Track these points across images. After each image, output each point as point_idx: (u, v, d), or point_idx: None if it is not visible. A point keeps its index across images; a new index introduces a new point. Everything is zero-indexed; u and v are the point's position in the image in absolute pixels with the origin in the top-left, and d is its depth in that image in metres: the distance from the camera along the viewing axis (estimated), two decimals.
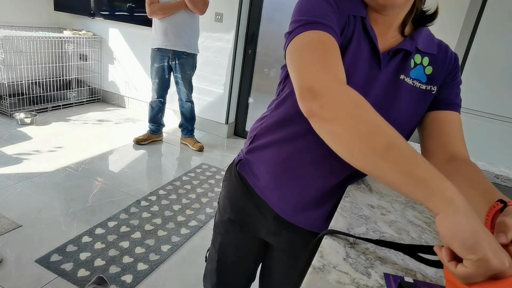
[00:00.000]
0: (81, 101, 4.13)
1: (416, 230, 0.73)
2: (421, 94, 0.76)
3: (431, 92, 0.76)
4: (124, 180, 2.62)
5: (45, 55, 3.77)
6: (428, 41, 0.77)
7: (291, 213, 0.85)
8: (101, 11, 3.91)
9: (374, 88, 0.73)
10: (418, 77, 0.75)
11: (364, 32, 0.72)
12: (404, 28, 0.75)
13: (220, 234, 1.03)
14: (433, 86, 0.76)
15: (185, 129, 3.34)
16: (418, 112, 0.77)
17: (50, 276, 1.66)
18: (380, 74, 0.74)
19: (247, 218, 0.94)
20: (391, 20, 0.73)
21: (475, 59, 2.01)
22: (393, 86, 0.74)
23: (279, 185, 0.84)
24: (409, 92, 0.75)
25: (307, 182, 0.81)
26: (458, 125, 0.76)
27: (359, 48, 0.72)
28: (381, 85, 0.74)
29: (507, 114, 2.02)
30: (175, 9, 2.85)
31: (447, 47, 0.79)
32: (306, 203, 0.83)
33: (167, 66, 3.06)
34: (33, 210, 2.12)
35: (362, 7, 0.73)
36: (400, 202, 0.84)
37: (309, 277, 0.55)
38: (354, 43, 0.71)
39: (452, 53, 0.79)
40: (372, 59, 0.73)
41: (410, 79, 0.75)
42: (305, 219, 0.85)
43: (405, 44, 0.73)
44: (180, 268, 1.84)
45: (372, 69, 0.73)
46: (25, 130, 3.23)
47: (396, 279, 0.58)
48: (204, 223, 2.24)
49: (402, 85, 0.74)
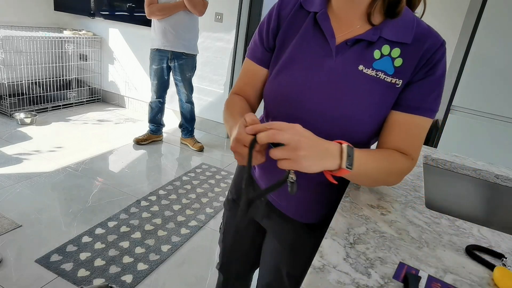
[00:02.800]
0: (81, 101, 4.13)
1: (416, 230, 0.73)
2: (384, 86, 0.73)
3: (395, 86, 0.72)
4: (124, 180, 2.62)
5: (45, 55, 3.77)
6: (402, 30, 0.72)
7: (277, 200, 0.91)
8: (101, 11, 3.91)
9: (319, 76, 0.75)
10: (383, 68, 0.72)
11: (315, 25, 0.77)
12: (370, 17, 0.73)
13: (226, 211, 1.12)
14: (398, 80, 0.72)
15: (185, 130, 3.34)
16: (377, 105, 0.73)
17: (50, 276, 1.66)
18: (332, 62, 0.75)
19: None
20: (355, 8, 0.73)
21: (475, 59, 2.01)
22: (349, 75, 0.74)
23: (266, 174, 0.91)
24: (370, 83, 0.73)
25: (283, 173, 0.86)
26: (417, 132, 0.74)
27: (305, 39, 0.78)
28: (334, 74, 0.74)
29: (507, 114, 2.02)
30: (174, 10, 2.85)
31: (430, 37, 0.71)
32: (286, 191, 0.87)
33: (166, 67, 3.06)
34: (33, 210, 2.12)
35: (319, 3, 0.78)
36: (400, 202, 0.84)
37: (309, 277, 0.55)
38: (301, 35, 0.78)
39: (432, 45, 0.71)
40: (322, 48, 0.76)
41: (372, 70, 0.72)
42: (289, 207, 0.90)
43: (366, 34, 0.73)
44: (180, 268, 1.84)
45: (317, 57, 0.76)
46: (25, 130, 3.23)
47: (410, 269, 0.59)
48: (204, 223, 2.24)
49: (360, 76, 0.73)
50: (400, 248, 0.66)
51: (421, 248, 0.67)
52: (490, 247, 0.70)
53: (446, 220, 0.79)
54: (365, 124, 0.74)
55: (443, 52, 0.71)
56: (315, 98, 0.76)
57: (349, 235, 0.68)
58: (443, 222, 0.78)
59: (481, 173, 1.18)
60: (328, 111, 0.75)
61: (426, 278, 0.58)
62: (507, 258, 0.66)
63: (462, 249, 0.68)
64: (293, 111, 0.78)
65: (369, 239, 0.67)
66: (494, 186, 1.16)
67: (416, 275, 0.58)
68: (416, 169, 1.08)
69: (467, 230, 0.76)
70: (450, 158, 1.24)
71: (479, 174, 1.18)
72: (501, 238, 0.75)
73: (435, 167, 1.23)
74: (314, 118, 0.76)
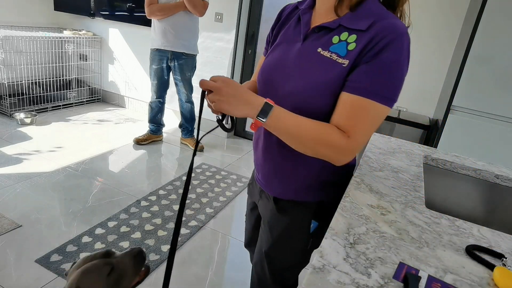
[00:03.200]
0: (81, 101, 4.13)
1: (416, 230, 0.73)
2: (336, 67, 0.80)
3: (342, 66, 0.78)
4: (124, 180, 2.62)
5: (45, 55, 3.77)
6: (360, 20, 0.79)
7: (262, 181, 1.03)
8: (101, 11, 3.91)
9: (291, 57, 0.88)
10: (337, 51, 0.80)
11: (299, 19, 0.91)
12: (337, 10, 0.84)
13: (247, 194, 1.23)
14: (345, 60, 0.78)
15: (185, 129, 3.34)
16: (327, 83, 0.80)
17: (50, 276, 1.66)
18: (301, 46, 0.87)
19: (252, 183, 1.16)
20: (325, 4, 0.85)
21: (475, 59, 2.01)
22: (309, 56, 0.84)
23: (256, 159, 1.05)
24: (324, 63, 0.81)
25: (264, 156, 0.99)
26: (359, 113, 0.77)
27: (289, 30, 0.94)
28: (299, 55, 0.86)
29: (507, 114, 2.02)
30: (174, 10, 2.85)
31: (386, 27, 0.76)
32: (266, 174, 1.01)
33: (166, 66, 3.06)
34: (33, 210, 2.12)
35: (308, 3, 0.92)
36: (400, 202, 0.84)
37: (309, 277, 0.55)
38: (287, 27, 0.95)
39: (383, 31, 0.75)
40: (298, 35, 0.89)
41: (327, 52, 0.81)
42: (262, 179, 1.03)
43: (329, 23, 0.84)
44: (180, 268, 1.84)
45: (292, 42, 0.90)
46: (25, 130, 3.23)
47: (410, 269, 0.59)
48: (204, 223, 2.24)
49: (317, 57, 0.82)
50: (400, 248, 0.66)
51: (421, 248, 0.67)
52: (490, 247, 0.70)
53: (446, 220, 0.79)
54: (315, 100, 0.82)
55: (396, 41, 0.75)
56: (280, 76, 0.89)
57: (349, 235, 0.68)
58: (443, 222, 0.78)
59: (481, 173, 1.18)
60: (287, 87, 0.86)
61: (426, 278, 0.58)
62: (507, 258, 0.66)
63: (462, 249, 0.68)
64: (268, 88, 0.92)
65: (369, 239, 0.67)
66: (494, 186, 1.16)
67: (416, 275, 0.58)
68: (416, 169, 1.08)
69: (467, 230, 0.76)
70: (450, 158, 1.24)
71: (479, 174, 1.18)
72: (501, 238, 0.75)
73: (435, 167, 1.23)
74: (279, 94, 0.87)
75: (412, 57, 0.81)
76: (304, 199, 0.96)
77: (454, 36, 2.66)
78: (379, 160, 1.10)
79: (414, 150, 1.26)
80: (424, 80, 2.80)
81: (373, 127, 0.79)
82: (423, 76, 2.80)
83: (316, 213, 0.96)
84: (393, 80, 0.77)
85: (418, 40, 2.75)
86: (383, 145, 1.27)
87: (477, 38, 1.98)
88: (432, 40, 2.71)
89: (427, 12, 2.69)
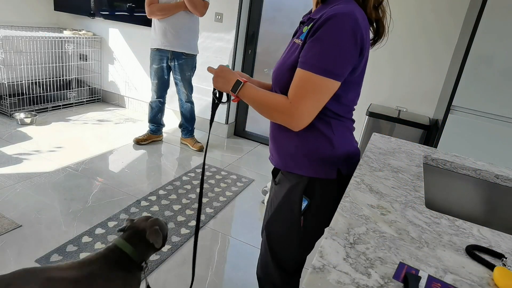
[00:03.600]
0: (81, 101, 4.13)
1: (416, 230, 0.73)
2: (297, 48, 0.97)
3: (298, 45, 0.96)
4: (124, 180, 2.62)
5: (45, 55, 3.77)
6: (322, 9, 0.94)
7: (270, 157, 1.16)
8: (101, 11, 3.91)
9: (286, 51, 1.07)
10: (302, 37, 0.96)
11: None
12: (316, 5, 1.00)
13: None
14: (301, 41, 0.95)
15: (185, 129, 3.34)
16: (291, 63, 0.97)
17: None
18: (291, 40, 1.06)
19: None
20: (313, 4, 1.03)
21: (475, 59, 2.01)
22: (290, 47, 1.03)
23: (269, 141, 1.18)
24: (293, 48, 0.99)
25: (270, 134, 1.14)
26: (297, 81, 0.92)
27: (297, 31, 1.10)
28: (288, 47, 1.05)
29: (507, 114, 2.02)
30: (175, 10, 2.85)
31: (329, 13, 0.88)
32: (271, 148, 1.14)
33: (166, 66, 3.06)
34: (33, 210, 2.12)
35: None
36: (400, 202, 0.84)
37: (309, 277, 0.55)
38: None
39: (324, 16, 0.89)
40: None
41: (299, 40, 0.97)
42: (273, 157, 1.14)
43: (304, 17, 1.05)
44: (180, 268, 1.84)
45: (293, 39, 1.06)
46: (25, 130, 3.23)
47: (410, 269, 0.59)
48: (204, 223, 2.24)
49: (293, 45, 1.00)
50: (400, 248, 0.66)
51: (421, 248, 0.67)
52: (490, 247, 0.70)
53: (446, 220, 0.79)
54: (284, 77, 0.98)
55: (332, 20, 0.87)
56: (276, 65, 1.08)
57: (349, 235, 0.68)
58: (443, 222, 0.78)
59: (481, 173, 1.18)
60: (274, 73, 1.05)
61: (426, 278, 0.58)
62: (507, 258, 0.66)
63: (462, 249, 0.68)
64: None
65: (369, 239, 0.67)
66: (494, 186, 1.16)
67: (416, 275, 0.58)
68: (416, 169, 1.08)
69: (467, 230, 0.76)
70: (450, 158, 1.24)
71: (479, 174, 1.18)
72: (501, 238, 0.75)
73: (435, 167, 1.23)
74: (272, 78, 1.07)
75: (412, 57, 0.82)
76: (294, 171, 1.05)
77: (454, 36, 2.66)
78: (379, 160, 1.10)
79: (414, 150, 1.26)
80: (424, 80, 2.80)
81: (313, 96, 0.91)
82: (423, 76, 2.80)
83: (306, 190, 1.03)
84: (329, 53, 0.88)
85: (418, 40, 2.76)
86: (383, 145, 1.27)
87: (477, 38, 1.98)
88: (432, 40, 2.71)
89: (427, 12, 2.69)
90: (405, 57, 2.81)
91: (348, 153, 1.04)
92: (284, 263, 1.13)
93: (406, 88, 2.88)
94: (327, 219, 1.04)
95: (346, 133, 1.05)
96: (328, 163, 1.01)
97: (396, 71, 2.87)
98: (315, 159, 1.01)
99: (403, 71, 2.85)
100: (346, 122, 1.04)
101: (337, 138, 1.01)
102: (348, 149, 1.04)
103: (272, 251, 1.14)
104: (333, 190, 1.04)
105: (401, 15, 2.75)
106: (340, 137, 1.02)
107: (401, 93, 2.91)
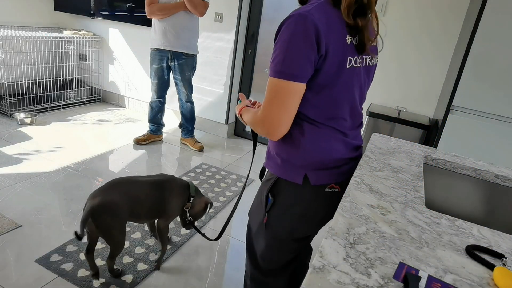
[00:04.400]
0: (81, 101, 4.13)
1: (416, 230, 0.73)
2: None
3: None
4: None
5: (45, 55, 3.77)
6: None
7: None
8: (101, 11, 3.91)
9: None
10: None
11: None
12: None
13: None
14: None
15: (185, 129, 3.34)
16: None
17: (50, 276, 1.66)
18: None
19: None
20: None
21: (475, 59, 2.01)
22: None
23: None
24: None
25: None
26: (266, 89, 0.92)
27: None
28: None
29: (507, 114, 2.02)
30: (175, 10, 2.85)
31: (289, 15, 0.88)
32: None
33: (166, 66, 3.06)
34: (33, 210, 2.12)
35: None
36: (400, 202, 0.84)
37: (309, 277, 0.55)
38: None
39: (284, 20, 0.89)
40: None
41: None
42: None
43: None
44: (180, 268, 1.84)
45: None
46: (25, 130, 3.23)
47: (410, 269, 0.59)
48: (204, 223, 2.23)
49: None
50: (400, 248, 0.66)
51: (421, 248, 0.67)
52: (490, 247, 0.70)
53: (446, 220, 0.79)
54: None
55: (283, 24, 0.88)
56: None
57: (349, 235, 0.68)
58: (443, 222, 0.78)
59: (481, 173, 1.18)
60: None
61: (426, 278, 0.58)
62: (507, 258, 0.66)
63: (462, 249, 0.68)
64: None
65: (369, 239, 0.67)
66: (494, 186, 1.16)
67: (416, 275, 0.58)
68: (416, 169, 1.08)
69: (467, 230, 0.76)
70: (450, 158, 1.24)
71: (479, 174, 1.18)
72: (501, 238, 0.75)
73: (435, 167, 1.23)
74: None
75: (412, 57, 0.82)
76: (268, 168, 1.09)
77: (454, 36, 2.66)
78: (379, 160, 1.10)
79: (414, 150, 1.26)
80: (424, 80, 2.81)
81: (276, 100, 0.90)
82: (423, 76, 2.80)
83: (272, 188, 1.05)
84: (283, 55, 0.87)
85: (418, 40, 2.76)
86: (383, 145, 1.27)
87: (477, 38, 1.98)
88: (432, 40, 2.71)
89: (427, 12, 2.69)
90: (405, 57, 2.81)
91: (321, 161, 0.98)
92: (255, 259, 1.16)
93: (406, 88, 2.88)
94: (291, 226, 1.05)
95: (323, 140, 0.97)
96: (296, 166, 0.99)
97: (396, 71, 2.87)
98: (284, 160, 1.01)
99: (403, 71, 2.85)
100: (324, 129, 0.97)
101: (308, 142, 0.96)
102: (322, 158, 0.97)
103: (247, 244, 1.20)
104: (299, 195, 1.01)
105: (401, 15, 2.75)
106: (312, 142, 0.96)
107: (401, 93, 2.91)
